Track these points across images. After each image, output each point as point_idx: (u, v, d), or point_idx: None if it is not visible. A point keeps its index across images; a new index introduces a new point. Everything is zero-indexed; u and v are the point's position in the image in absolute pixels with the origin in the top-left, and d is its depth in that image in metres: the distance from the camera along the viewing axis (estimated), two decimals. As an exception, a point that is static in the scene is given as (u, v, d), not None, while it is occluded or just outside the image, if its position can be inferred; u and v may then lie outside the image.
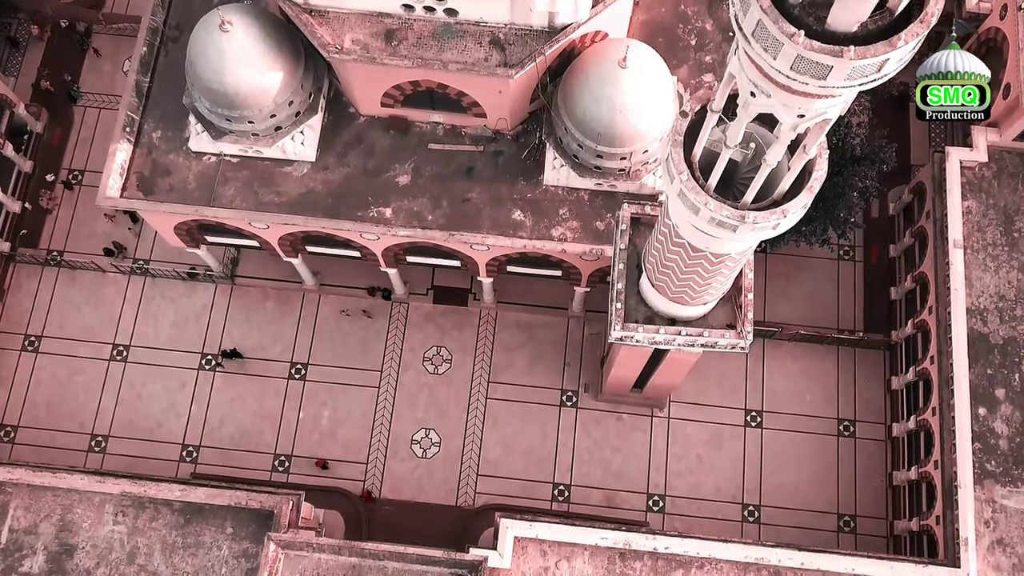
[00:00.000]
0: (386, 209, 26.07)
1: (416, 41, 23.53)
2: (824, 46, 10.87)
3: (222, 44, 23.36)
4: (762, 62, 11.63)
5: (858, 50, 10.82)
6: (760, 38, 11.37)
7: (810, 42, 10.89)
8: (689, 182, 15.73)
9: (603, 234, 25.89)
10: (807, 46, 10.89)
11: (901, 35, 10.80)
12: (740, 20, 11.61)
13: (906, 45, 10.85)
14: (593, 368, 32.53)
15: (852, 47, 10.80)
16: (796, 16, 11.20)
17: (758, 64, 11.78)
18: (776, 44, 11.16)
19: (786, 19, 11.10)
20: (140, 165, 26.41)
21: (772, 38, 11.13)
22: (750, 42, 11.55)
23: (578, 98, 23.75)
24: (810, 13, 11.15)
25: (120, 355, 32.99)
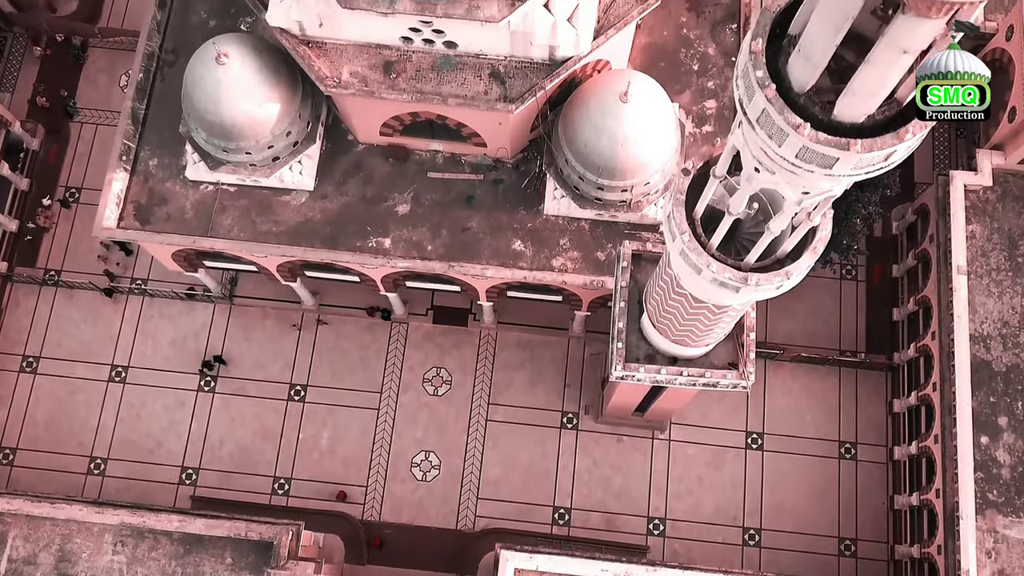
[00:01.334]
0: (385, 239, 25.84)
1: (415, 74, 23.20)
2: (831, 138, 10.63)
3: (218, 76, 23.06)
4: (766, 148, 11.38)
5: (865, 143, 10.58)
6: (765, 125, 11.13)
7: (816, 134, 10.65)
8: (691, 243, 15.50)
9: (604, 265, 25.67)
10: (813, 138, 10.65)
11: (909, 128, 10.55)
12: (744, 105, 11.36)
13: (914, 138, 10.61)
14: (593, 389, 32.40)
15: (859, 141, 10.56)
16: (801, 105, 10.94)
17: (763, 149, 11.53)
18: (781, 133, 10.92)
19: (792, 108, 10.85)
20: (137, 194, 26.16)
21: (777, 128, 10.89)
22: (755, 128, 11.30)
23: (579, 130, 23.46)
24: (816, 102, 10.89)
25: (119, 375, 32.87)
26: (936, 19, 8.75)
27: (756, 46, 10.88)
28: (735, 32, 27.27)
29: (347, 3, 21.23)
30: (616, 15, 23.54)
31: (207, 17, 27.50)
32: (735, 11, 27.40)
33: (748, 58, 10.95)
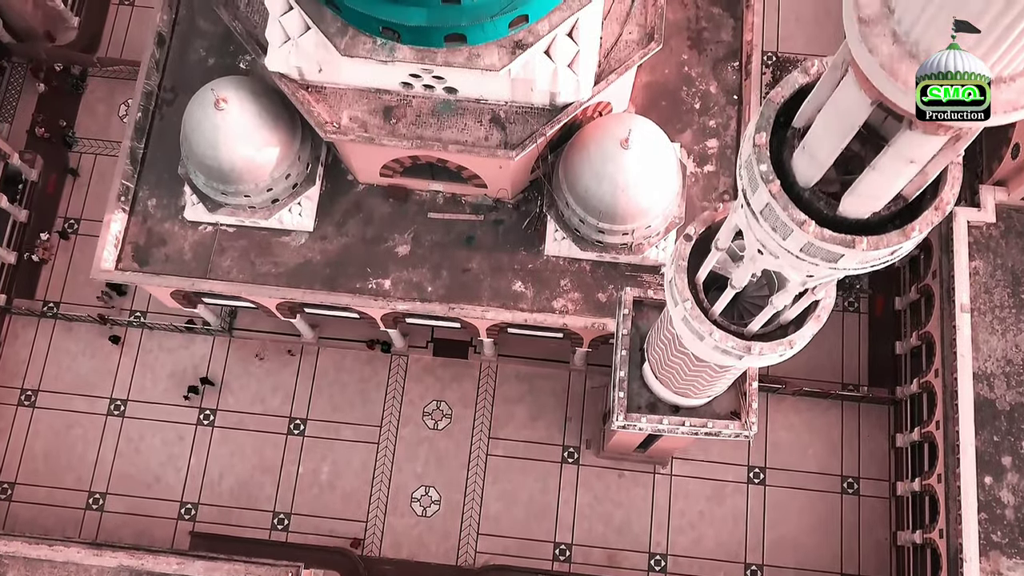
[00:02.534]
0: (385, 280, 25.69)
1: (415, 119, 23.07)
2: (836, 235, 10.47)
3: (217, 121, 22.93)
4: (770, 240, 11.23)
5: (871, 240, 10.42)
6: (769, 218, 10.98)
7: (821, 231, 10.49)
8: (694, 310, 15.35)
9: (605, 306, 25.51)
10: (818, 235, 10.49)
11: (915, 225, 10.40)
12: (748, 196, 11.21)
13: (920, 234, 10.46)
14: (595, 422, 32.24)
15: (865, 239, 10.40)
16: (806, 199, 10.79)
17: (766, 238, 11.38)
18: (786, 228, 10.76)
19: (796, 202, 10.69)
20: (135, 235, 26.02)
21: (782, 222, 10.73)
22: (758, 220, 11.15)
23: (579, 175, 23.32)
24: (820, 197, 10.74)
25: (118, 408, 32.73)
26: (944, 136, 8.60)
27: (760, 139, 10.73)
28: (736, 70, 27.12)
29: (346, 51, 21.08)
30: (617, 59, 23.41)
31: (206, 55, 27.38)
32: (737, 48, 27.26)
33: (752, 151, 10.80)
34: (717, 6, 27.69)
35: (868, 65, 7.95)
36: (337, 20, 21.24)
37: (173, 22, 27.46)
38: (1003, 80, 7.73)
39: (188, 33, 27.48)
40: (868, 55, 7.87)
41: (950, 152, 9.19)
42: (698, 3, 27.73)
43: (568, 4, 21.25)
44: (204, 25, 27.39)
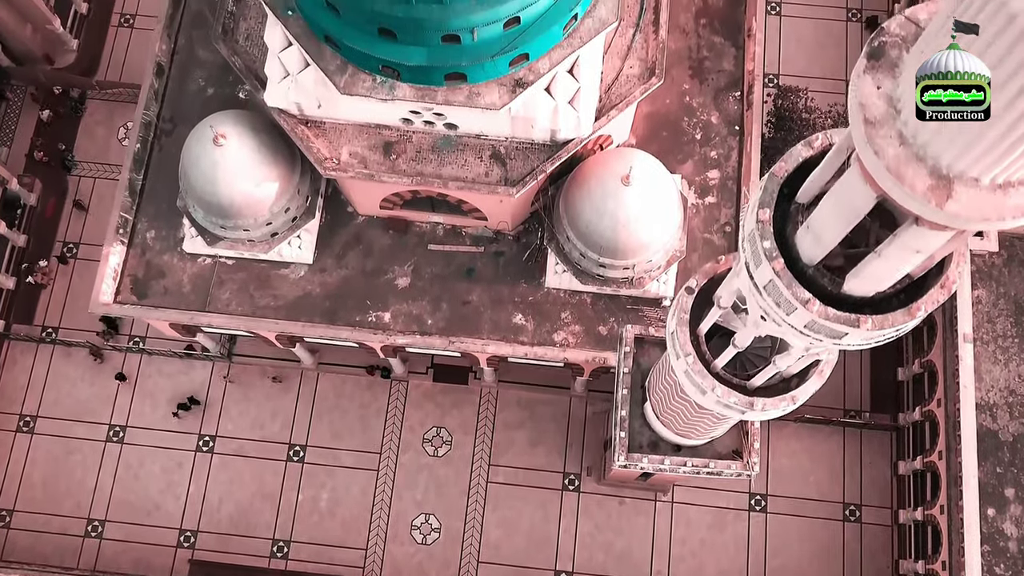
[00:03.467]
0: (385, 313, 25.56)
1: (415, 155, 22.95)
2: (840, 315, 10.36)
3: (215, 157, 22.81)
4: (774, 314, 11.11)
5: (876, 320, 10.30)
6: (772, 293, 10.85)
7: (826, 310, 10.38)
8: (696, 364, 15.23)
9: (606, 339, 25.38)
10: (822, 314, 10.38)
11: (921, 304, 10.28)
12: (751, 269, 11.09)
13: (925, 313, 10.33)
14: (595, 449, 32.09)
15: (870, 318, 10.29)
16: (810, 276, 10.67)
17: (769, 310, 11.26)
18: (789, 305, 10.64)
19: (800, 278, 10.57)
20: (134, 267, 25.89)
21: (785, 299, 10.61)
22: (762, 295, 11.03)
23: (580, 210, 23.19)
24: (825, 274, 10.61)
25: (116, 435, 32.58)
26: (950, 232, 8.48)
27: (764, 215, 10.62)
28: (738, 100, 27.00)
29: (346, 90, 20.96)
30: (618, 94, 23.31)
31: (205, 85, 27.26)
32: (738, 78, 27.13)
33: (755, 227, 10.68)
34: (718, 35, 27.58)
35: (874, 167, 7.84)
36: (336, 58, 21.13)
37: (172, 52, 27.34)
38: (1011, 185, 7.61)
39: (187, 63, 27.36)
40: (874, 157, 7.75)
41: (957, 241, 9.07)
42: (699, 32, 27.61)
43: (569, 42, 21.14)
44: (203, 55, 27.27)
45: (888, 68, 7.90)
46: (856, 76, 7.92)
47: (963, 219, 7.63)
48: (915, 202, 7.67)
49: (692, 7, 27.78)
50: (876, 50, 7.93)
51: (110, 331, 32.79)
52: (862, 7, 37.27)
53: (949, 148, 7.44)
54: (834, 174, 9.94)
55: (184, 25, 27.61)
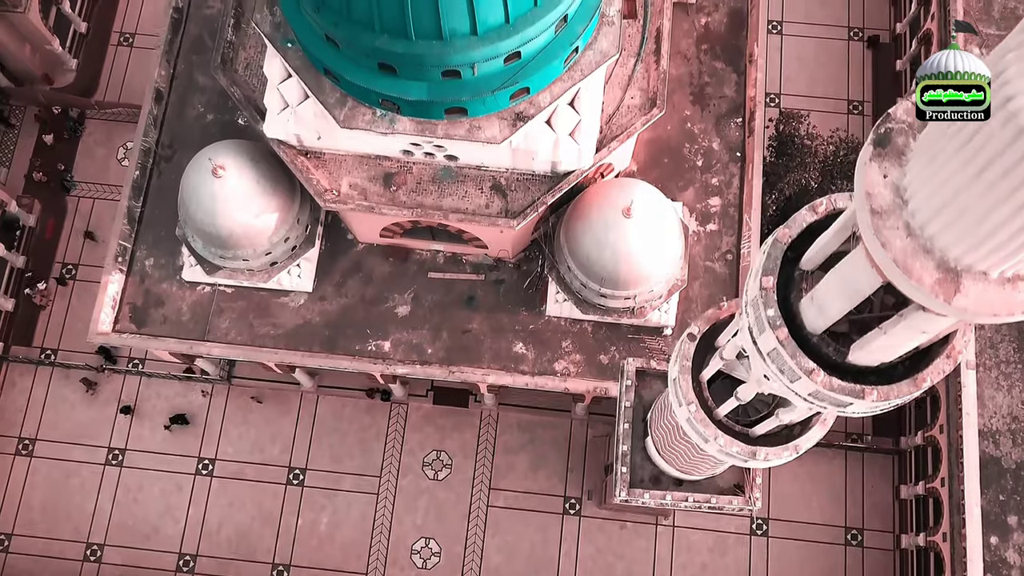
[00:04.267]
0: (384, 342, 25.44)
1: (415, 186, 22.83)
2: (845, 385, 10.23)
3: (214, 189, 22.69)
4: (778, 381, 10.98)
5: (881, 391, 10.17)
6: (776, 360, 10.72)
7: (830, 380, 10.25)
8: (698, 413, 15.09)
9: (607, 368, 25.26)
10: (827, 385, 10.25)
11: (926, 375, 10.15)
12: (754, 335, 10.96)
13: (931, 384, 10.20)
14: (596, 472, 31.95)
15: (875, 390, 10.16)
16: (814, 344, 10.54)
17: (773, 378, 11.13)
18: (793, 373, 10.51)
19: (804, 346, 10.44)
20: (132, 295, 25.77)
21: (789, 368, 10.49)
22: (765, 362, 10.90)
23: (581, 242, 23.06)
24: (829, 343, 10.49)
25: (115, 458, 32.47)
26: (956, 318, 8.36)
27: (767, 283, 10.49)
28: (740, 126, 26.88)
29: (345, 123, 20.85)
30: (619, 125, 23.18)
31: (204, 111, 27.14)
32: (740, 104, 27.02)
33: (759, 294, 10.55)
34: (720, 61, 27.47)
35: (881, 259, 7.71)
36: (336, 90, 21.02)
37: (171, 77, 27.23)
38: (1021, 278, 7.48)
39: (186, 88, 27.25)
40: (881, 250, 7.62)
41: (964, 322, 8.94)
42: (701, 58, 27.51)
43: (570, 75, 21.04)
44: (203, 80, 27.15)
45: (895, 156, 7.78)
46: (862, 164, 7.79)
47: (971, 314, 7.51)
48: (922, 296, 7.55)
49: (694, 33, 27.69)
50: (882, 137, 7.80)
51: (107, 364, 32.60)
52: (863, 26, 37.17)
53: (957, 242, 7.32)
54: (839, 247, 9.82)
55: (183, 51, 27.51)
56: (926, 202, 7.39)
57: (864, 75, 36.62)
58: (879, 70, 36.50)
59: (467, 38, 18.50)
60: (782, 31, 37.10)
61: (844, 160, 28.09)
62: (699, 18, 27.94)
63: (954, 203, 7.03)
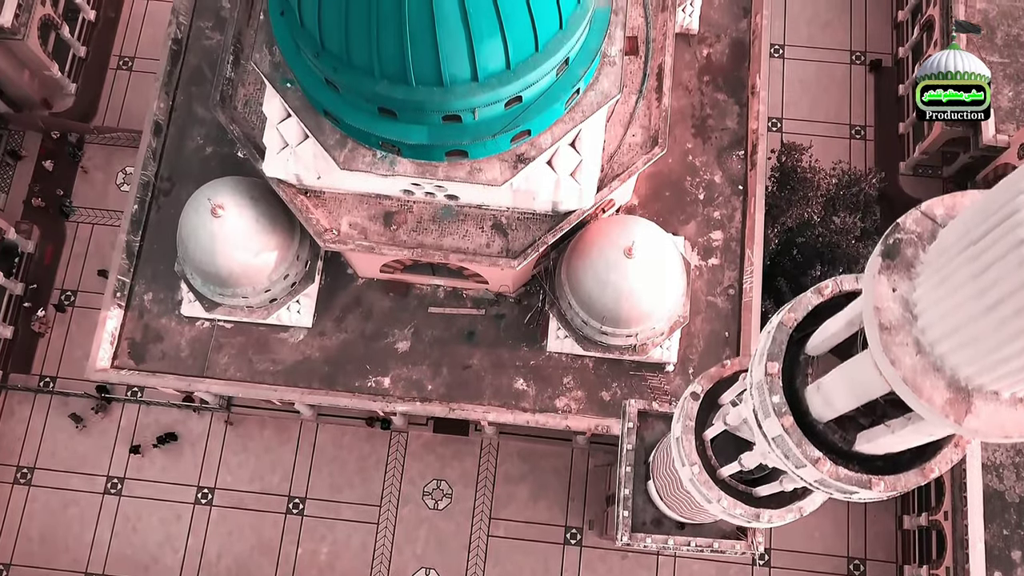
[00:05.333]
0: (384, 378, 25.29)
1: (416, 225, 22.69)
2: (852, 475, 10.08)
3: (213, 229, 22.53)
4: (784, 466, 10.82)
5: (888, 482, 10.02)
6: (781, 446, 10.57)
7: (836, 470, 10.10)
8: (701, 475, 14.94)
9: (608, 405, 25.10)
10: (833, 475, 10.09)
11: (935, 465, 9.99)
12: (759, 419, 10.80)
13: (938, 474, 10.05)
14: (598, 502, 31.79)
15: (882, 481, 10.01)
16: (820, 431, 10.39)
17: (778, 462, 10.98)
18: (799, 460, 10.36)
19: (809, 432, 10.29)
20: (131, 331, 25.62)
21: (795, 455, 10.33)
22: (770, 445, 10.74)
23: (582, 281, 22.91)
24: (835, 430, 10.33)
25: (114, 487, 32.30)
26: (966, 427, 8.19)
27: (773, 368, 10.34)
28: (742, 159, 26.74)
29: (345, 165, 20.70)
30: (621, 163, 23.02)
31: (203, 143, 27.00)
32: (742, 137, 26.88)
33: (764, 379, 10.40)
34: (722, 92, 27.33)
35: (890, 376, 7.55)
36: (336, 132, 20.89)
37: (170, 109, 27.08)
38: (1033, 399, 7.33)
39: (185, 121, 27.11)
40: (890, 367, 7.46)
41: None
42: (702, 89, 27.37)
43: (571, 116, 20.89)
44: (202, 112, 27.01)
45: (904, 268, 7.62)
46: (871, 276, 7.64)
47: (982, 434, 7.36)
48: (933, 415, 7.39)
49: (695, 64, 27.55)
50: (891, 248, 7.65)
51: (103, 403, 32.46)
52: (865, 50, 37.02)
53: (969, 363, 7.17)
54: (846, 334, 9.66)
55: (182, 82, 27.37)
56: (937, 322, 7.24)
57: (866, 99, 36.48)
58: (881, 94, 36.35)
59: (468, 84, 18.35)
60: (784, 55, 36.95)
61: (846, 193, 27.93)
62: (701, 49, 27.81)
63: (966, 330, 6.88)
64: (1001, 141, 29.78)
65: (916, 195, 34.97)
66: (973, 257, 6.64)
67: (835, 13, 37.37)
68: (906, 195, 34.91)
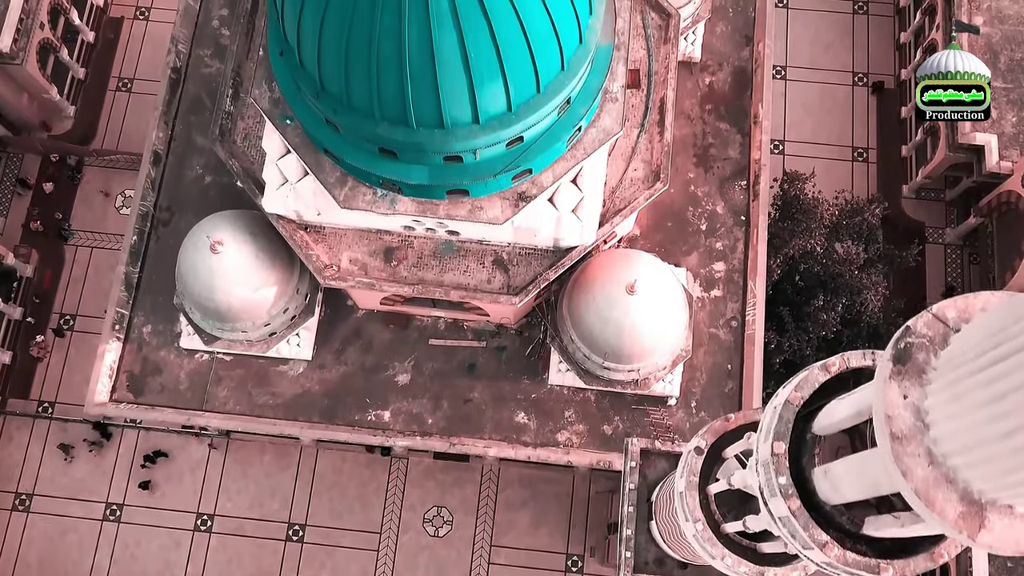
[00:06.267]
0: (384, 411, 25.14)
1: (417, 260, 22.54)
2: (860, 560, 9.90)
3: (212, 265, 22.35)
4: (790, 544, 10.65)
5: (897, 567, 9.83)
6: (788, 526, 10.39)
7: (844, 555, 9.92)
8: (705, 532, 14.74)
9: (611, 439, 24.94)
10: (840, 559, 9.92)
11: (944, 550, 9.81)
12: (765, 497, 10.63)
13: (949, 559, 9.88)
14: (599, 529, 31.63)
15: (891, 565, 9.82)
16: (827, 512, 10.21)
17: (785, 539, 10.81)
18: (806, 542, 10.19)
19: (816, 513, 10.11)
20: (130, 363, 25.47)
21: (801, 537, 10.16)
22: (777, 525, 10.57)
23: (583, 316, 22.71)
24: (843, 512, 10.16)
25: (113, 513, 32.16)
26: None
27: (779, 448, 10.16)
28: (744, 189, 26.58)
29: (345, 203, 20.53)
30: (622, 198, 22.86)
31: (202, 172, 26.85)
32: (744, 167, 26.73)
33: (771, 459, 10.23)
34: (724, 121, 27.19)
35: (902, 487, 7.39)
36: (336, 169, 20.73)
37: (169, 139, 26.93)
38: (1048, 513, 7.16)
39: (184, 150, 26.96)
40: (902, 479, 7.30)
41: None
42: (705, 118, 27.22)
43: (573, 154, 20.73)
44: (201, 141, 26.86)
45: (915, 374, 7.46)
46: (881, 382, 7.47)
47: (996, 549, 7.20)
48: (945, 529, 7.23)
49: (698, 92, 27.41)
50: (902, 353, 7.49)
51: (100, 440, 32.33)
52: (868, 72, 36.88)
53: (983, 479, 7.00)
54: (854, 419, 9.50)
55: (181, 111, 27.22)
56: (950, 436, 7.08)
57: (868, 121, 36.34)
58: (884, 116, 36.21)
59: (469, 127, 18.18)
60: (786, 76, 36.80)
61: (849, 222, 27.77)
62: (703, 77, 27.67)
63: (980, 449, 6.72)
64: (1005, 168, 29.60)
65: (918, 218, 34.88)
66: (988, 382, 6.48)
67: (837, 34, 37.23)
68: (908, 218, 34.80)
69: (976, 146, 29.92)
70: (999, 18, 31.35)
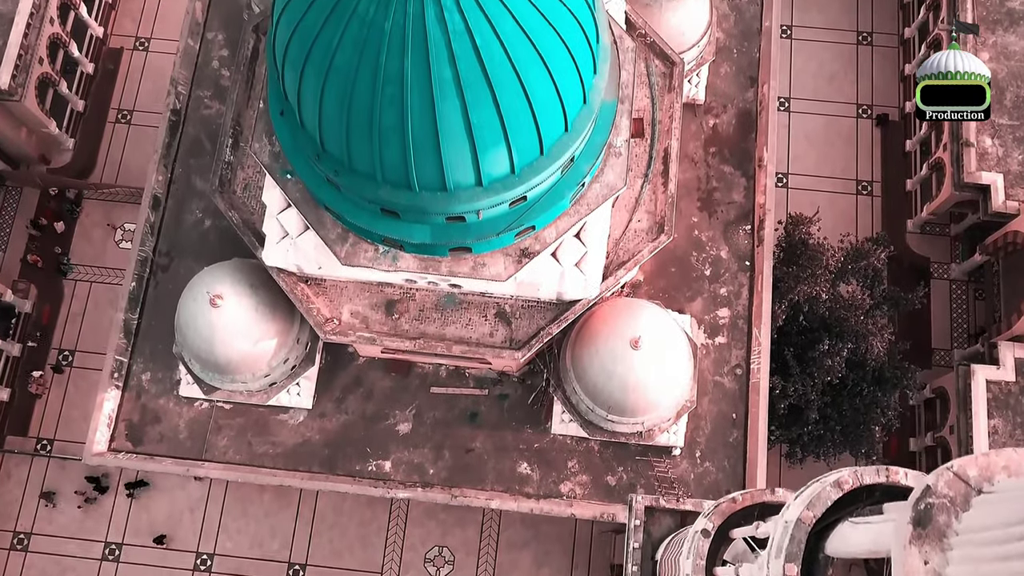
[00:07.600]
0: (385, 461, 24.89)
1: (418, 313, 22.31)
2: None
3: (212, 318, 22.12)
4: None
5: None
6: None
7: None
8: (712, 616, 14.51)
9: (615, 491, 24.68)
10: None
11: None
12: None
13: None
14: (602, 570, 31.37)
15: None
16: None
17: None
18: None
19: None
20: (129, 412, 25.23)
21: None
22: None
23: (587, 369, 22.48)
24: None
25: (112, 553, 31.89)
26: None
27: (791, 570, 9.92)
28: (748, 234, 26.33)
29: (347, 260, 20.33)
30: (626, 250, 22.63)
31: (202, 216, 26.60)
32: (748, 211, 26.48)
33: (782, 580, 9.98)
34: (728, 164, 26.95)
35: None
36: (337, 225, 20.53)
37: (168, 182, 26.70)
38: None
39: (184, 194, 26.72)
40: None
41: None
42: (709, 161, 26.99)
43: (576, 209, 20.53)
44: (200, 185, 26.60)
45: (936, 538, 7.21)
46: (901, 546, 7.22)
47: None
48: None
49: (701, 135, 27.18)
50: (922, 515, 7.24)
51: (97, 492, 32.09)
52: (872, 103, 36.64)
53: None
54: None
55: (181, 154, 26.98)
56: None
57: (873, 154, 36.09)
58: (888, 149, 35.97)
59: (472, 189, 17.96)
60: (790, 108, 36.57)
61: (854, 267, 27.52)
62: (707, 119, 27.44)
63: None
64: (1011, 208, 29.33)
65: (923, 253, 34.62)
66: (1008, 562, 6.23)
67: (841, 66, 37.00)
68: (913, 253, 34.54)
69: (982, 185, 29.67)
70: (1005, 54, 31.10)
